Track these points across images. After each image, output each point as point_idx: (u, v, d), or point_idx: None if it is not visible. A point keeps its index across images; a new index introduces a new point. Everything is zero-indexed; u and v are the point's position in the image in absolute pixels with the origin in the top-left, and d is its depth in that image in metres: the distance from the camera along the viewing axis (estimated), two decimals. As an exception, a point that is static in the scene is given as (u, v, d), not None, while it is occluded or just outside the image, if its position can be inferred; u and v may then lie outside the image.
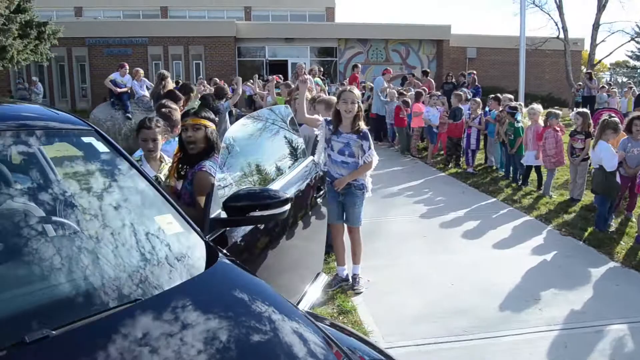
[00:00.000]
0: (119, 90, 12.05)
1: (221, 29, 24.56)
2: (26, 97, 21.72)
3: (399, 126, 11.51)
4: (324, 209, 3.92)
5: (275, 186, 3.11)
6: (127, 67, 12.71)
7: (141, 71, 12.74)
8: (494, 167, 9.81)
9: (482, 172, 9.67)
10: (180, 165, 3.26)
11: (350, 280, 4.75)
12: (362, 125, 4.49)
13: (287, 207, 2.54)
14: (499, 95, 9.92)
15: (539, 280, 4.72)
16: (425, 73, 15.87)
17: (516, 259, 5.27)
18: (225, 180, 2.77)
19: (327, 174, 4.56)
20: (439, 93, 12.17)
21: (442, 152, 10.84)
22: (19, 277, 1.71)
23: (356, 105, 4.41)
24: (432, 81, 15.62)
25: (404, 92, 12.29)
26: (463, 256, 5.41)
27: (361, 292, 4.60)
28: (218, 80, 15.25)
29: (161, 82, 10.33)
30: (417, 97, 11.10)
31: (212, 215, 2.53)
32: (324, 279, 3.89)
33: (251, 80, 14.43)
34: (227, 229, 2.61)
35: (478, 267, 5.09)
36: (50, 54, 16.60)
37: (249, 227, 2.74)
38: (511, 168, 8.81)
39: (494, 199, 7.73)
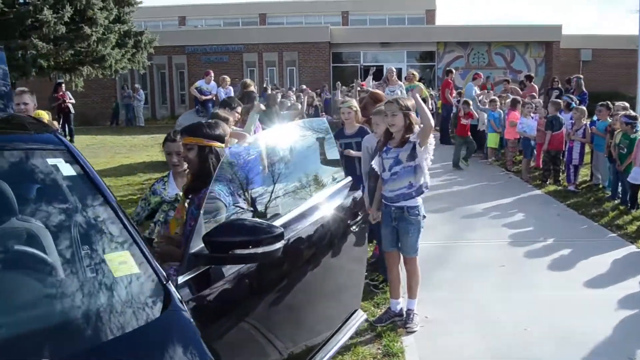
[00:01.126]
0: (203, 97, 12.28)
1: (315, 35, 24.65)
2: (130, 104, 23.17)
3: (460, 135, 10.66)
4: (364, 236, 3.47)
5: (291, 215, 2.73)
6: (212, 74, 12.94)
7: (227, 79, 12.88)
8: (600, 186, 8.72)
9: (585, 191, 8.64)
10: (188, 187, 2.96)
11: (404, 315, 4.25)
12: (414, 137, 4.01)
13: (280, 244, 2.15)
14: (608, 102, 8.82)
15: (637, 334, 3.92)
16: (529, 78, 14.69)
17: (611, 303, 4.46)
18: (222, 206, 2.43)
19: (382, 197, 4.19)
20: (538, 100, 11.12)
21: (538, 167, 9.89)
22: None
23: (400, 115, 3.95)
24: (536, 87, 14.43)
25: (497, 98, 11.39)
26: (545, 294, 4.69)
27: (414, 331, 4.08)
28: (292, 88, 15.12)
29: (244, 90, 10.39)
30: (513, 105, 10.19)
31: (194, 250, 2.19)
32: (360, 317, 3.43)
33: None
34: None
35: (561, 309, 4.36)
36: (147, 62, 17.39)
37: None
38: (620, 187, 7.76)
39: (595, 224, 6.79)
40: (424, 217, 4.15)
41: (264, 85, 16.51)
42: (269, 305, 2.51)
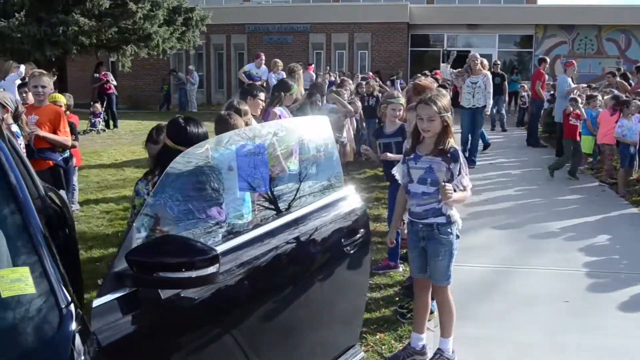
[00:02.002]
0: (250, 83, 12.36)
1: (392, 14, 24.32)
2: (182, 87, 23.81)
3: (569, 138, 10.01)
4: (365, 259, 3.29)
5: (258, 230, 2.60)
6: (263, 57, 13.00)
7: (279, 63, 12.89)
8: None
9: (696, 211, 7.96)
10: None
11: (428, 355, 4.01)
12: (452, 142, 3.76)
13: (214, 268, 2.04)
14: None
15: None
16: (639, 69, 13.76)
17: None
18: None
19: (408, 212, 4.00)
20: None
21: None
22: None
23: (438, 120, 3.70)
24: (649, 81, 13.49)
25: (598, 95, 10.72)
26: (615, 342, 4.29)
27: (437, 378, 3.85)
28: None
29: (290, 76, 10.36)
30: (615, 103, 9.55)
31: (118, 268, 2.11)
32: (357, 355, 3.25)
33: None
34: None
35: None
36: (199, 41, 17.78)
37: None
38: None
39: (698, 255, 6.21)
40: (458, 237, 3.90)
41: (326, 71, 16.48)
42: (223, 342, 2.39)
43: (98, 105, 16.75)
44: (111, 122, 17.38)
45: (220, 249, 2.27)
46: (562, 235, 6.86)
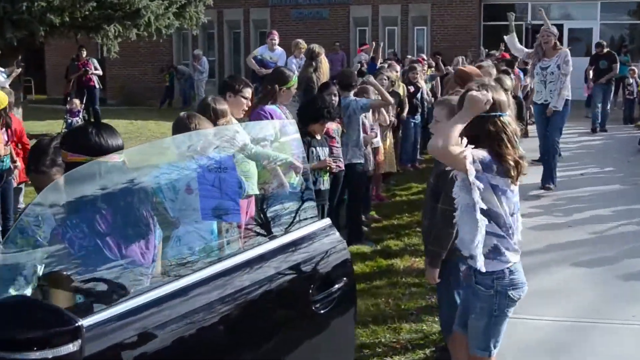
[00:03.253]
0: (263, 71, 12.17)
1: (458, -22, 24.05)
2: (189, 76, 23.95)
3: None
4: (346, 321, 3.03)
5: (170, 286, 2.39)
6: (277, 36, 12.86)
7: (302, 44, 12.65)
8: None
9: None
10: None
11: None
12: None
13: (74, 346, 1.83)
14: None
15: None
16: None
17: None
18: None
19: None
20: None
21: None
22: None
23: None
24: None
25: None
26: None
27: None
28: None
29: (311, 62, 10.15)
30: None
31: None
32: None
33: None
34: None
35: None
36: (203, 18, 17.74)
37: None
38: None
39: None
40: (512, 299, 3.55)
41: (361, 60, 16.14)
42: None
43: (77, 101, 16.92)
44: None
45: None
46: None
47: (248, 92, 5.40)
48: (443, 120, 4.05)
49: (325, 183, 6.29)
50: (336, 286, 2.90)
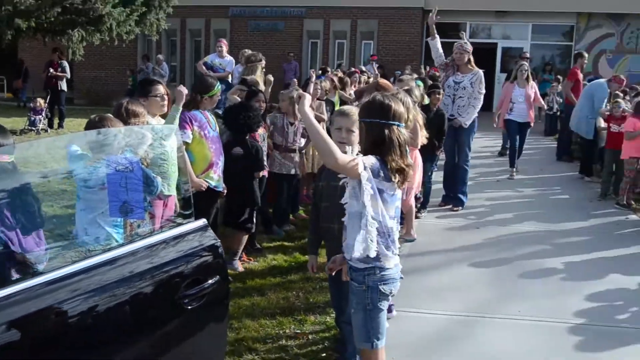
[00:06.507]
0: (212, 74, 12.08)
1: (403, -3, 24.13)
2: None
3: (612, 148, 9.74)
4: (217, 316, 2.99)
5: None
6: (225, 45, 12.78)
7: (248, 52, 12.64)
8: None
9: None
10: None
11: None
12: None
13: None
14: None
15: None
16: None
17: None
18: None
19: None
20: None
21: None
22: None
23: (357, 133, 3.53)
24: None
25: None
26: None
27: None
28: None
29: (248, 66, 10.07)
30: (638, 108, 9.22)
31: None
32: None
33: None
34: None
35: None
36: (163, 25, 17.61)
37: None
38: None
39: None
40: (383, 294, 3.54)
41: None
42: None
43: (41, 100, 16.69)
44: (56, 121, 17.29)
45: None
46: (559, 275, 6.54)
47: (159, 89, 5.35)
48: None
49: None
50: (208, 282, 2.86)
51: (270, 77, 9.15)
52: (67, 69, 17.56)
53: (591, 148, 11.39)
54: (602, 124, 10.40)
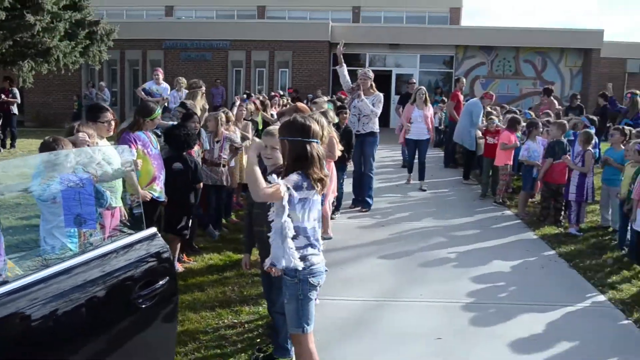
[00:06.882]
0: (150, 99, 11.77)
1: (313, 32, 24.19)
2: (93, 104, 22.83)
3: (488, 156, 10.06)
4: (168, 314, 2.87)
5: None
6: (161, 73, 12.49)
7: (182, 80, 12.38)
8: (611, 229, 8.04)
9: (592, 234, 7.95)
10: None
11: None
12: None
13: None
14: (624, 127, 8.17)
15: None
16: (547, 91, 14.05)
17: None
18: None
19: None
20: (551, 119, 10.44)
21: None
22: None
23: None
24: (555, 102, 13.77)
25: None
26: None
27: None
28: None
29: (190, 92, 9.91)
30: (511, 124, 9.54)
31: None
32: None
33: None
34: None
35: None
36: (104, 56, 17.05)
37: None
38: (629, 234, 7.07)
39: (584, 281, 6.12)
40: (313, 285, 3.50)
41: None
42: None
43: (-7, 123, 15.85)
44: (9, 141, 16.44)
45: None
46: (452, 263, 6.66)
47: (106, 116, 5.17)
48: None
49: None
50: (158, 284, 2.74)
51: (206, 105, 9.10)
52: (18, 95, 16.68)
53: (471, 157, 11.70)
54: (480, 134, 10.79)
